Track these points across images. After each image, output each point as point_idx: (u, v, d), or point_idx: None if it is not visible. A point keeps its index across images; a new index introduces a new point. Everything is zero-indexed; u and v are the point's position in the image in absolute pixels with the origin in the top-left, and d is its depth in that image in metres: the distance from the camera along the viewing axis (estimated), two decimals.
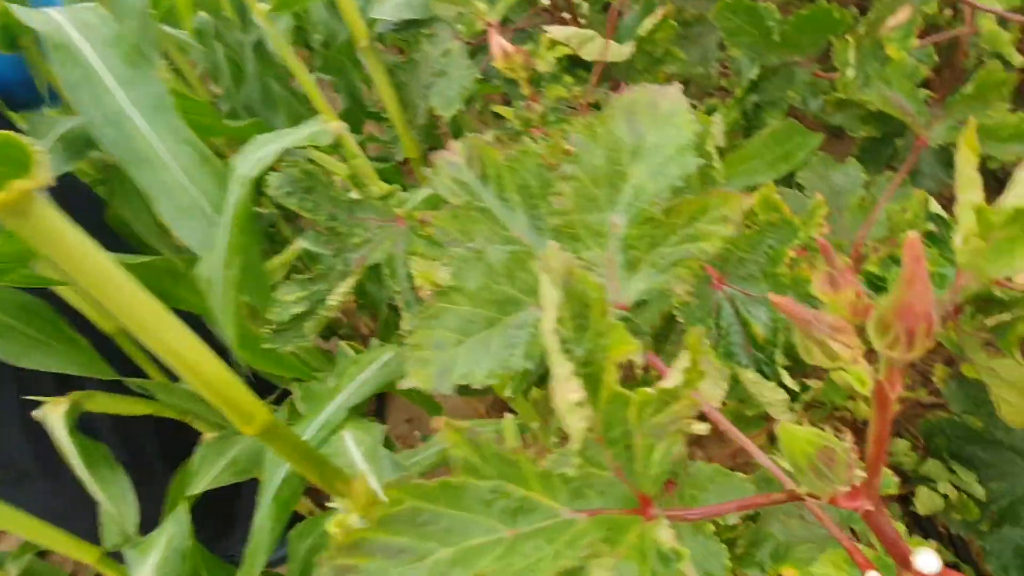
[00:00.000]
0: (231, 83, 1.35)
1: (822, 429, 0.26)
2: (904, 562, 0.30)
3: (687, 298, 0.46)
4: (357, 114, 1.65)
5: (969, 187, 0.21)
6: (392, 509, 0.21)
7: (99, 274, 0.36)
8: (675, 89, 0.42)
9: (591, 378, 0.23)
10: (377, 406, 1.68)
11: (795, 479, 0.25)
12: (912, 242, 0.20)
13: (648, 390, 0.23)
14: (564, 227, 0.41)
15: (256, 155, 0.65)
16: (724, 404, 0.76)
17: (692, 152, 0.40)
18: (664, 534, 0.22)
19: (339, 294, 0.69)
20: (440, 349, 0.34)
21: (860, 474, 0.25)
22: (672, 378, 0.23)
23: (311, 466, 0.49)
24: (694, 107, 1.19)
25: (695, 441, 1.27)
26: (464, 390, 0.35)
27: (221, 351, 0.48)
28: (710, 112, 1.04)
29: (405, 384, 0.33)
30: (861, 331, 0.22)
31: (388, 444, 1.14)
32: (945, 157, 0.98)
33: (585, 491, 0.24)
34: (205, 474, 0.86)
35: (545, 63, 0.64)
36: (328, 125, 0.67)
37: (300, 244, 1.10)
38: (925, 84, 0.83)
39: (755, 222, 0.69)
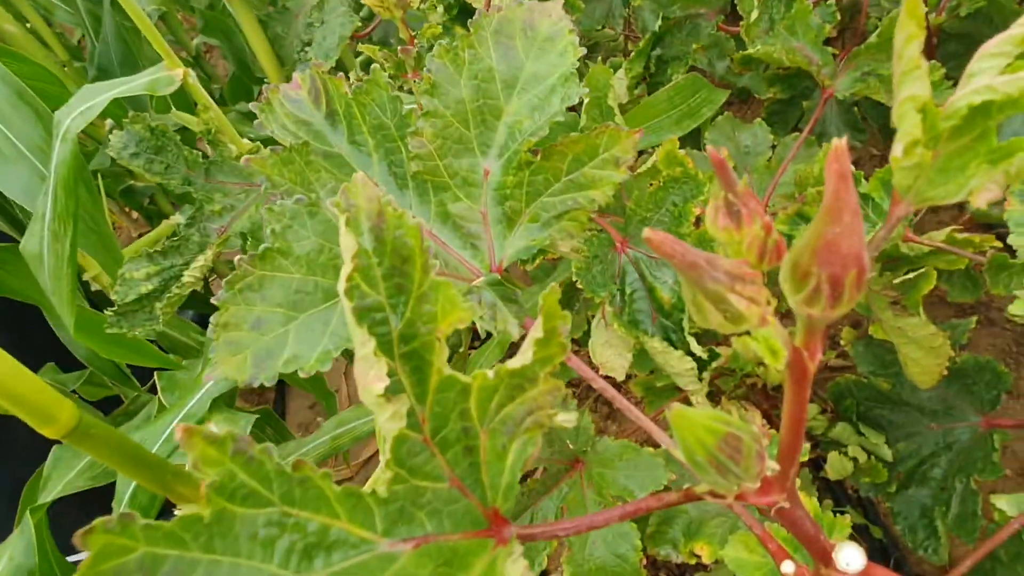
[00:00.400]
0: (92, 44, 1.20)
1: (727, 411, 0.20)
2: (824, 559, 0.25)
3: (574, 255, 0.40)
4: (245, 81, 1.52)
5: (911, 78, 0.15)
6: (112, 561, 0.14)
7: None
8: (556, 6, 0.35)
9: (414, 358, 0.17)
10: (278, 393, 1.58)
11: (695, 474, 0.19)
12: (837, 151, 0.14)
13: (488, 372, 0.17)
14: (427, 174, 0.34)
15: (83, 106, 0.55)
16: (631, 376, 0.71)
17: (576, 81, 0.34)
18: (516, 568, 0.16)
19: (196, 269, 0.60)
20: (259, 329, 0.27)
21: (773, 466, 0.19)
22: (523, 355, 0.17)
23: (143, 470, 0.41)
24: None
25: (608, 415, 1.24)
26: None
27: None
28: (614, 69, 0.98)
29: (209, 377, 0.26)
30: (773, 282, 0.16)
31: (283, 434, 1.05)
32: (851, 118, 0.96)
33: (412, 513, 0.17)
34: (58, 480, 0.75)
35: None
36: (171, 72, 0.57)
37: (176, 219, 0.99)
38: (829, 43, 0.80)
39: (658, 179, 0.64)
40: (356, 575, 0.16)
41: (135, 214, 1.85)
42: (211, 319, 0.26)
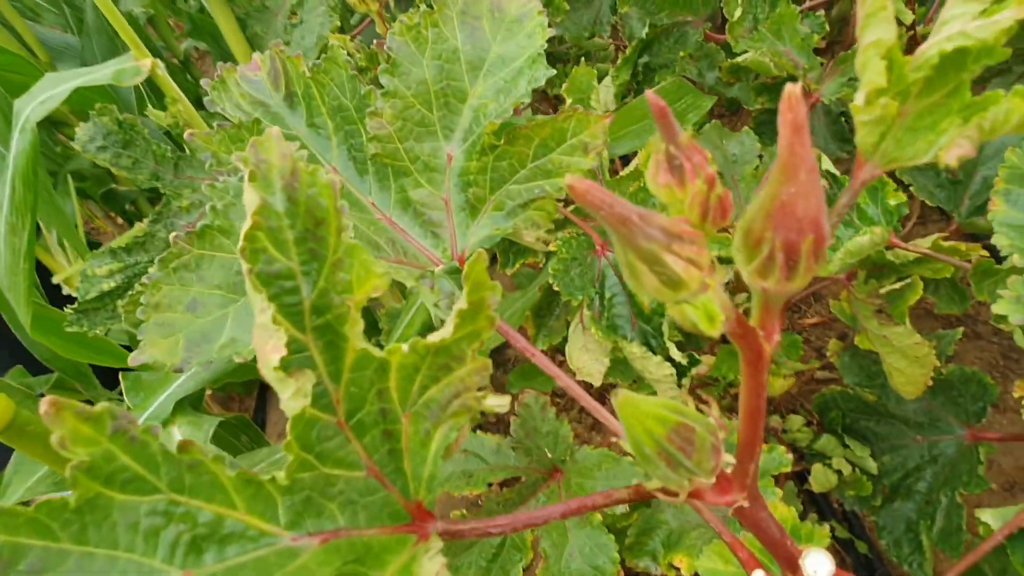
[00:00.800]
0: (75, 37, 1.19)
1: (683, 401, 0.18)
2: (791, 565, 0.23)
3: (539, 246, 0.39)
4: None
5: (876, 21, 0.13)
6: None
7: None
8: None
9: (327, 332, 0.15)
10: (259, 400, 1.55)
11: (642, 469, 0.17)
12: (790, 99, 0.13)
13: (404, 347, 0.15)
14: (386, 157, 0.33)
15: (44, 95, 0.54)
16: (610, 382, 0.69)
17: (543, 63, 0.32)
18: (431, 565, 0.14)
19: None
20: (195, 311, 0.25)
21: (728, 459, 0.18)
22: (446, 327, 0.15)
23: None
24: None
25: (592, 426, 1.21)
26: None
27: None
28: (601, 76, 0.97)
29: (135, 360, 0.24)
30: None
31: (260, 443, 1.03)
32: (838, 129, 0.96)
33: (321, 504, 0.15)
34: (19, 484, 0.73)
35: None
36: (138, 61, 0.55)
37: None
38: (817, 53, 0.79)
39: (640, 178, 0.62)
40: (252, 571, 0.14)
41: (120, 220, 1.83)
42: (141, 299, 0.25)
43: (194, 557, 0.14)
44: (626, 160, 0.92)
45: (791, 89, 0.13)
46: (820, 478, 0.76)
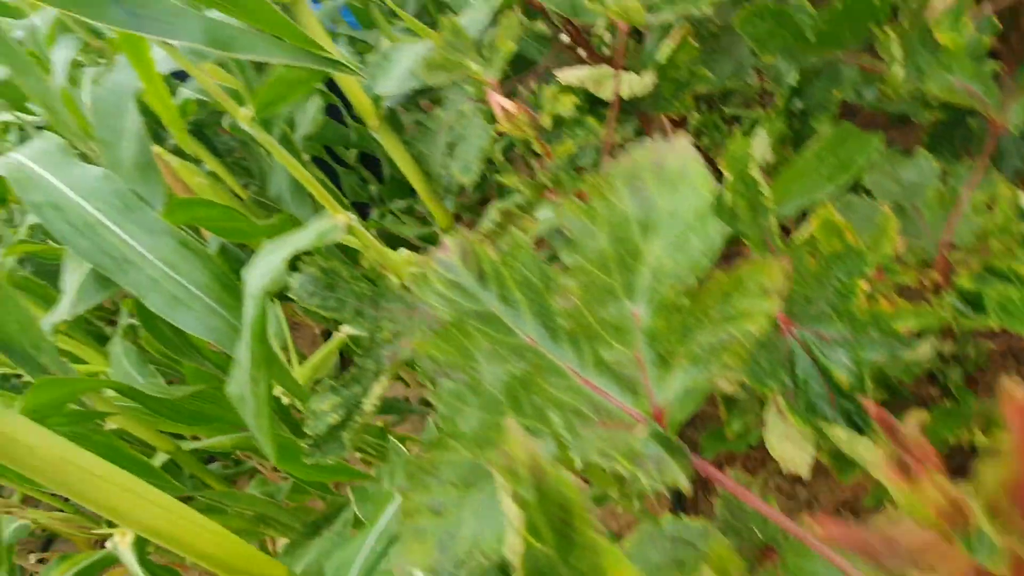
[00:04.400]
0: (259, 178, 1.35)
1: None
2: None
3: (734, 389, 0.39)
4: (399, 180, 1.64)
5: None
6: None
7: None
8: (683, 142, 0.35)
9: None
10: None
11: None
12: (1009, 393, 0.14)
13: None
14: (578, 326, 0.35)
15: (265, 266, 0.62)
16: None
17: (714, 219, 0.33)
18: None
19: (374, 397, 0.65)
20: (438, 513, 0.28)
21: None
22: None
23: None
24: (737, 121, 1.11)
25: (796, 479, 1.16)
26: None
27: None
28: (752, 126, 0.96)
29: (399, 568, 0.28)
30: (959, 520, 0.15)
31: None
32: None
33: None
34: None
35: (550, 116, 0.58)
36: (336, 220, 0.63)
37: (343, 334, 1.07)
38: (991, 55, 0.73)
39: (817, 250, 0.61)
40: None
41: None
42: (399, 506, 0.29)
43: None
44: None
45: (1009, 387, 0.14)
46: None
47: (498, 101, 0.58)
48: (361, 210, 1.75)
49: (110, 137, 0.76)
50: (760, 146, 0.88)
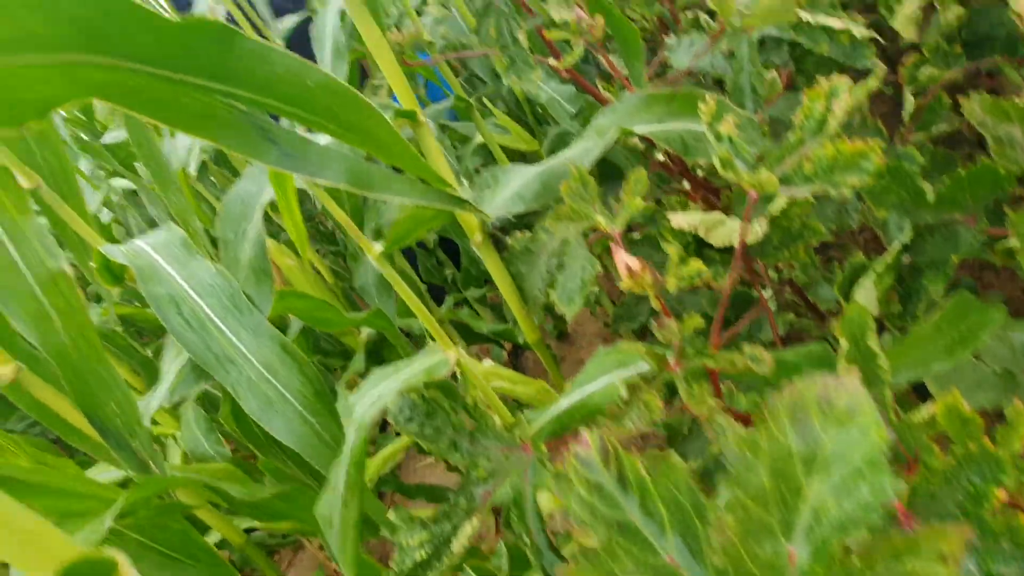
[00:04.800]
0: (345, 266, 1.39)
1: None
2: None
3: None
4: (469, 276, 1.67)
5: None
6: None
7: None
8: (853, 381, 0.34)
9: None
10: None
11: None
12: None
13: None
14: (729, 561, 0.34)
15: (373, 396, 0.63)
16: None
17: (887, 468, 0.32)
18: None
19: (465, 536, 0.63)
20: None
21: None
22: None
23: None
24: (833, 261, 1.09)
25: None
26: None
27: None
28: (854, 273, 0.94)
29: None
30: None
31: None
32: None
33: None
34: None
35: (676, 280, 0.58)
36: (446, 356, 0.64)
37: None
38: None
39: (939, 433, 0.58)
40: None
41: None
42: None
43: None
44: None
45: None
46: None
47: (623, 258, 0.59)
48: (435, 293, 1.78)
49: (232, 238, 0.79)
50: (866, 299, 0.86)
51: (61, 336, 0.78)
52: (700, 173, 1.02)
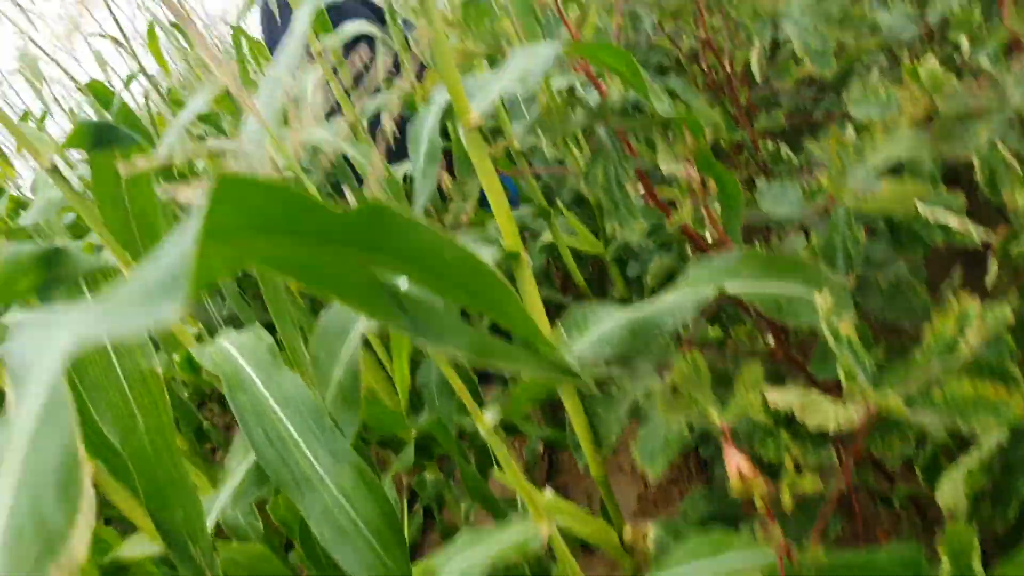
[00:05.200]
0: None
1: None
2: None
3: None
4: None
5: None
6: None
7: None
8: None
9: None
10: None
11: None
12: None
13: None
14: None
15: (463, 563, 0.61)
16: None
17: None
18: None
19: None
20: None
21: None
22: None
23: None
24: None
25: None
26: None
27: None
28: (936, 456, 0.91)
29: None
30: None
31: None
32: None
33: None
34: None
35: (790, 492, 0.56)
36: (538, 529, 0.62)
37: None
38: None
39: None
40: None
41: None
42: None
43: None
44: None
45: None
46: None
47: (734, 458, 0.57)
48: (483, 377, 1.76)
49: (325, 359, 0.79)
50: (953, 493, 0.83)
51: (142, 436, 0.78)
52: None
